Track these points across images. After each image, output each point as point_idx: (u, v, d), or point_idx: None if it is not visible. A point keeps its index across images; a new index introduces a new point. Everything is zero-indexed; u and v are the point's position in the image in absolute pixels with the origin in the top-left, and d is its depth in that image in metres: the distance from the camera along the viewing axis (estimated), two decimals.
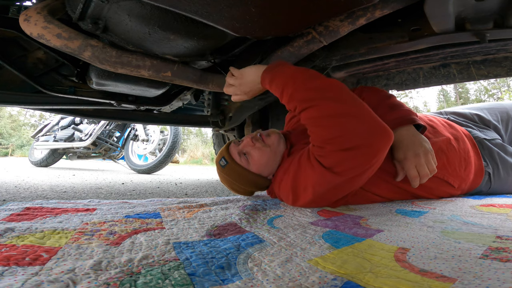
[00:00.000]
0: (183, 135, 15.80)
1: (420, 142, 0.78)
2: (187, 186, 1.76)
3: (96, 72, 0.98)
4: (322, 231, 0.54)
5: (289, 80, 0.73)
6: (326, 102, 0.68)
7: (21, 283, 0.30)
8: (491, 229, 0.51)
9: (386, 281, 0.31)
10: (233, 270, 0.36)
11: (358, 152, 0.65)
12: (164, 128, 3.40)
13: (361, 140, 0.65)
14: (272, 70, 0.78)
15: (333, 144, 0.67)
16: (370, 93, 0.95)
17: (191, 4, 0.62)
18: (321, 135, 0.69)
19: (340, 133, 0.66)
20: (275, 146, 0.88)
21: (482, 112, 1.07)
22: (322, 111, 0.68)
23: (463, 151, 0.89)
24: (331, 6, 0.70)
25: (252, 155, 0.87)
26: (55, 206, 0.76)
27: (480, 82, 18.06)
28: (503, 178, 0.92)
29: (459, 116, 1.07)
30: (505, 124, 1.05)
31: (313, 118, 0.70)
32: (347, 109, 0.67)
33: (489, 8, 0.73)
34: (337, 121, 0.66)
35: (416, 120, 0.82)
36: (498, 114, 1.07)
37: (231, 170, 0.90)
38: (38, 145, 3.79)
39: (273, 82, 0.77)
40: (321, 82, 0.71)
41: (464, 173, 0.88)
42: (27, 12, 0.71)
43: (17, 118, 21.67)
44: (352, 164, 0.67)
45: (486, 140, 0.95)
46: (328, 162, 0.68)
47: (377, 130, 0.66)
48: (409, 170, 0.77)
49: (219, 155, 0.93)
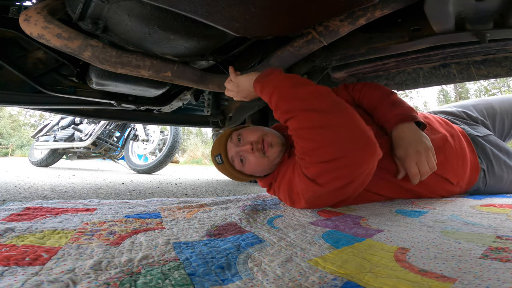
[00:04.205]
0: (183, 135, 15.80)
1: (421, 139, 0.79)
2: (187, 186, 1.76)
3: (96, 72, 0.98)
4: (322, 231, 0.54)
5: (275, 89, 0.72)
6: (306, 113, 0.66)
7: (21, 283, 0.30)
8: (491, 229, 0.51)
9: (386, 281, 0.31)
10: (233, 270, 0.36)
11: (338, 164, 0.63)
12: (164, 128, 3.40)
13: (341, 152, 0.63)
14: (262, 80, 0.77)
15: (313, 156, 0.65)
16: (371, 90, 0.94)
17: (191, 4, 0.62)
18: (302, 147, 0.68)
19: (319, 145, 0.64)
20: (274, 158, 0.86)
21: (468, 109, 1.09)
22: (302, 122, 0.66)
23: (459, 148, 0.89)
24: (331, 6, 0.70)
25: (248, 161, 0.85)
26: (55, 206, 0.76)
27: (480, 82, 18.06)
28: (498, 174, 0.93)
29: (448, 114, 1.08)
30: (491, 118, 1.07)
31: (295, 130, 0.68)
32: (329, 119, 0.64)
33: (489, 8, 0.73)
34: (317, 132, 0.64)
35: (417, 117, 0.83)
36: (484, 110, 1.08)
37: (225, 169, 0.91)
38: (38, 145, 3.78)
39: (263, 92, 0.76)
40: (305, 91, 0.69)
41: (461, 170, 0.89)
42: (27, 12, 0.71)
43: (17, 118, 21.68)
44: (332, 176, 0.65)
45: (478, 137, 0.97)
46: (310, 174, 0.68)
47: (359, 142, 0.64)
48: (410, 167, 0.77)
49: (216, 149, 0.90)
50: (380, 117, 0.88)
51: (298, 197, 0.76)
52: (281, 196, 0.85)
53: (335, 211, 0.74)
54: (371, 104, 0.92)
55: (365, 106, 0.95)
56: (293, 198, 0.78)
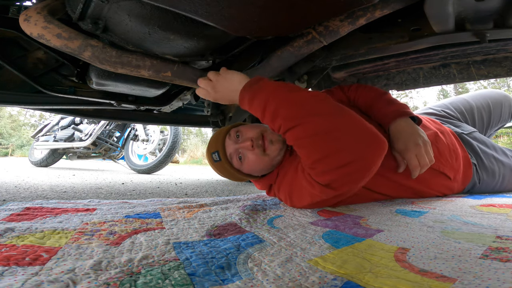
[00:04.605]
0: (183, 135, 15.79)
1: (419, 133, 0.81)
2: (187, 186, 1.76)
3: (96, 72, 0.98)
4: (322, 231, 0.54)
5: (270, 95, 0.68)
6: (311, 119, 0.64)
7: (21, 283, 0.30)
8: (491, 229, 0.51)
9: (386, 281, 0.31)
10: (233, 270, 0.36)
11: (352, 167, 0.63)
12: (164, 128, 3.40)
13: (353, 155, 0.62)
14: (251, 88, 0.72)
15: (325, 164, 0.64)
16: (366, 90, 0.97)
17: (191, 4, 0.62)
18: (311, 156, 0.65)
19: (329, 152, 0.62)
20: (274, 156, 0.83)
21: (447, 107, 1.13)
22: (308, 130, 0.64)
23: (451, 144, 0.92)
24: (331, 6, 0.70)
25: (248, 159, 0.82)
26: (55, 206, 0.76)
27: (480, 82, 18.05)
28: (489, 169, 0.95)
29: (431, 115, 1.11)
30: (470, 113, 1.11)
31: (300, 139, 0.66)
32: (334, 123, 0.63)
33: (489, 8, 0.72)
34: (325, 138, 0.62)
35: (412, 113, 0.86)
36: (461, 106, 1.12)
37: (222, 168, 0.86)
38: (38, 145, 3.79)
39: (253, 100, 0.71)
40: (304, 96, 0.67)
41: (456, 164, 0.90)
42: (27, 12, 0.71)
43: (17, 118, 21.67)
44: (348, 179, 0.65)
45: (464, 134, 0.99)
46: (324, 180, 0.66)
47: (369, 141, 0.63)
48: (410, 159, 0.78)
49: (213, 146, 0.86)
50: (377, 114, 0.89)
51: (301, 198, 0.76)
52: (282, 196, 0.85)
53: (335, 211, 0.74)
54: (367, 102, 0.94)
55: (361, 105, 0.96)
56: (294, 199, 0.78)
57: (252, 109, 0.73)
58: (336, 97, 1.01)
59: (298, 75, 1.04)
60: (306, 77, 1.14)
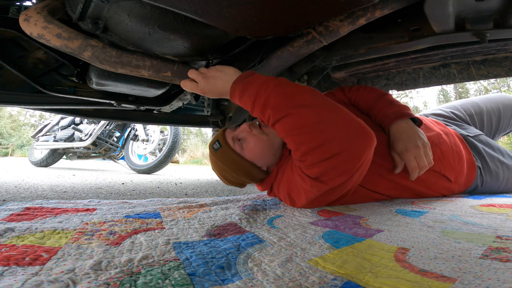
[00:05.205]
0: (183, 135, 15.80)
1: (419, 135, 0.81)
2: (187, 186, 1.76)
3: (96, 72, 0.98)
4: (322, 231, 0.54)
5: (261, 87, 0.69)
6: (300, 110, 0.64)
7: (21, 283, 0.30)
8: (491, 229, 0.51)
9: (386, 281, 0.31)
10: (233, 270, 0.36)
11: (341, 158, 0.62)
12: (164, 128, 3.40)
13: (341, 146, 0.62)
14: (242, 81, 0.72)
15: (313, 155, 0.63)
16: (367, 91, 0.97)
17: (191, 4, 0.62)
18: (299, 148, 0.65)
19: (317, 143, 0.62)
20: (273, 135, 0.85)
21: (456, 109, 1.11)
22: (296, 120, 0.64)
23: (454, 145, 0.91)
24: (331, 6, 0.70)
25: (247, 142, 0.84)
26: (55, 206, 0.76)
27: (480, 82, 18.05)
28: (494, 172, 0.94)
29: (438, 116, 1.11)
30: (479, 117, 1.09)
31: (288, 130, 0.66)
32: (323, 114, 0.63)
33: (489, 8, 0.72)
34: (313, 129, 0.63)
35: (413, 114, 0.86)
36: (471, 109, 1.11)
37: (224, 155, 0.86)
38: (38, 145, 3.79)
39: (244, 92, 0.71)
40: (294, 88, 0.68)
41: (458, 166, 0.90)
42: (27, 12, 0.71)
43: (17, 118, 21.67)
44: (337, 171, 0.65)
45: (469, 137, 0.99)
46: (313, 173, 0.66)
47: (356, 133, 0.63)
48: (409, 161, 0.78)
49: (214, 138, 0.90)
50: (378, 115, 0.89)
51: (298, 197, 0.76)
52: (281, 196, 0.85)
53: (335, 211, 0.74)
54: (368, 103, 0.94)
55: (362, 105, 0.96)
56: (293, 198, 0.79)
57: (242, 101, 0.72)
58: (337, 98, 1.01)
59: (298, 75, 1.04)
60: (306, 77, 1.14)
